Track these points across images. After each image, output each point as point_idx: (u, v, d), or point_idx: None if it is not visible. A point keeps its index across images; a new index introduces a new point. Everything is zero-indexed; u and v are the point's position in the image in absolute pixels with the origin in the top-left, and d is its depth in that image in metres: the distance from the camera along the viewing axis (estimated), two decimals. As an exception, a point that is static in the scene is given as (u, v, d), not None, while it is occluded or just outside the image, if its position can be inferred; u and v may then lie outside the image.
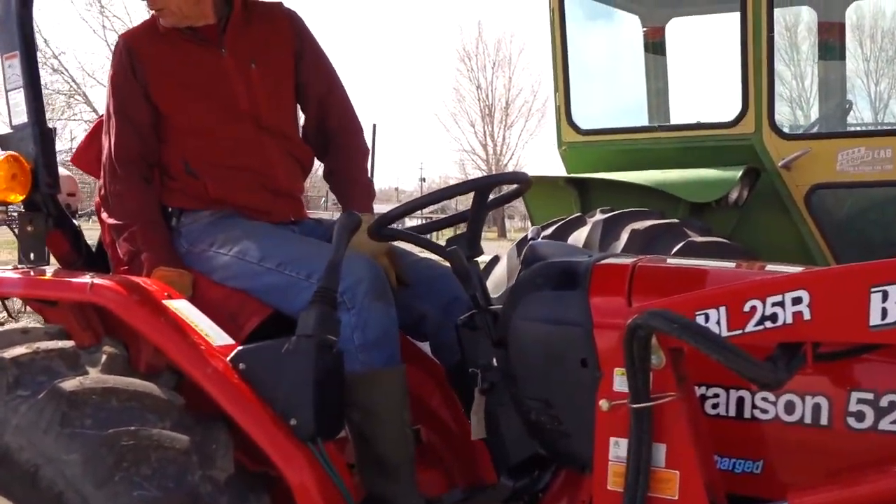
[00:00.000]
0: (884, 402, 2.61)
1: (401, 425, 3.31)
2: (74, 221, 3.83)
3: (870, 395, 2.64)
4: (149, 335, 3.18)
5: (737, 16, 6.53)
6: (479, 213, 3.37)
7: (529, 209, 7.21)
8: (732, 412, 2.82)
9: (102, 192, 3.70)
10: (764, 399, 2.77)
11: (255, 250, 3.50)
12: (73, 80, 42.32)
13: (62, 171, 4.81)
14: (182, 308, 3.28)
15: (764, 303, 2.51)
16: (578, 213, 6.44)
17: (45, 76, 42.25)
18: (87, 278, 3.29)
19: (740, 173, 6.30)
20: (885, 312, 2.38)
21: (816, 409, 2.71)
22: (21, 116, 3.61)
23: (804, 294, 2.47)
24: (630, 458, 2.66)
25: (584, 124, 7.11)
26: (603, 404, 2.78)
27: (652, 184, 6.42)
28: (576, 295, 2.99)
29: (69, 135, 43.35)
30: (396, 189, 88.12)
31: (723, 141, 6.63)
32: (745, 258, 5.79)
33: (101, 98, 47.17)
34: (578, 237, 6.15)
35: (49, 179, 3.61)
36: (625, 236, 5.96)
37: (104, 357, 3.13)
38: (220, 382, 3.11)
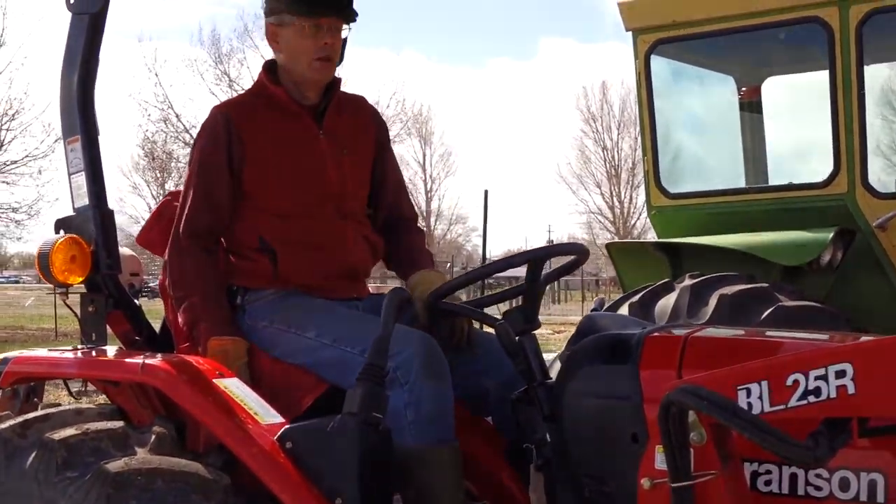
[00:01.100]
0: None
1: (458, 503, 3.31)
2: (136, 301, 3.92)
3: None
4: (197, 414, 3.26)
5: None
6: (535, 285, 3.37)
7: (620, 275, 7.15)
8: (785, 489, 2.75)
9: (167, 257, 3.74)
10: (818, 476, 2.69)
11: (312, 326, 3.54)
12: (205, 153, 43.46)
13: (127, 251, 4.90)
14: (232, 386, 3.33)
15: (807, 376, 2.45)
16: (667, 280, 6.37)
17: (178, 150, 43.61)
18: (139, 359, 3.37)
19: (832, 235, 6.16)
20: None
21: (872, 485, 2.63)
22: (83, 199, 3.72)
23: (848, 367, 2.41)
24: None
25: (672, 188, 7.05)
26: (645, 483, 2.78)
27: (741, 247, 6.33)
28: (626, 368, 2.99)
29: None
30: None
31: (815, 202, 6.52)
32: (838, 322, 5.66)
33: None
34: (666, 304, 6.09)
35: (109, 261, 3.71)
36: (713, 302, 5.88)
37: (153, 437, 3.20)
38: (265, 461, 3.14)
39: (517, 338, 3.28)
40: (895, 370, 2.39)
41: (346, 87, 3.97)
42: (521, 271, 3.37)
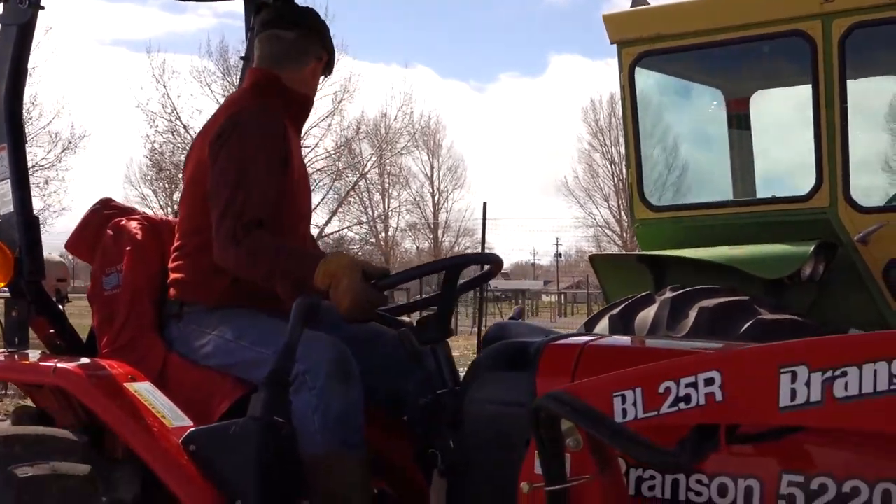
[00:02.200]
0: (814, 484, 2.57)
1: None
2: (60, 307, 3.96)
3: (800, 478, 2.59)
4: (104, 416, 3.33)
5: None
6: (449, 294, 3.39)
7: (603, 287, 7.15)
8: (668, 495, 2.79)
9: (223, 256, 3.54)
10: (698, 482, 2.73)
11: (234, 329, 3.58)
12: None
13: (55, 256, 4.92)
14: (143, 390, 3.41)
15: (678, 384, 2.49)
16: (647, 292, 6.36)
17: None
18: (53, 362, 3.43)
19: (813, 248, 6.14)
20: (793, 394, 2.35)
21: (749, 492, 2.67)
22: (8, 206, 3.77)
23: (716, 375, 2.45)
24: None
25: (656, 201, 7.04)
26: (524, 487, 2.79)
27: (722, 260, 6.31)
28: (524, 375, 3.05)
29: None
30: (533, 265, 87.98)
31: (798, 215, 6.50)
32: (818, 336, 5.63)
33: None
34: (646, 316, 6.08)
35: (32, 267, 3.74)
36: (693, 315, 5.87)
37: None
38: (168, 463, 3.23)
39: (429, 345, 3.33)
40: (760, 377, 2.41)
41: (357, 100, 4.09)
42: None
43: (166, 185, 46.71)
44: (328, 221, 46.63)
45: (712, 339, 3.56)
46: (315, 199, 45.55)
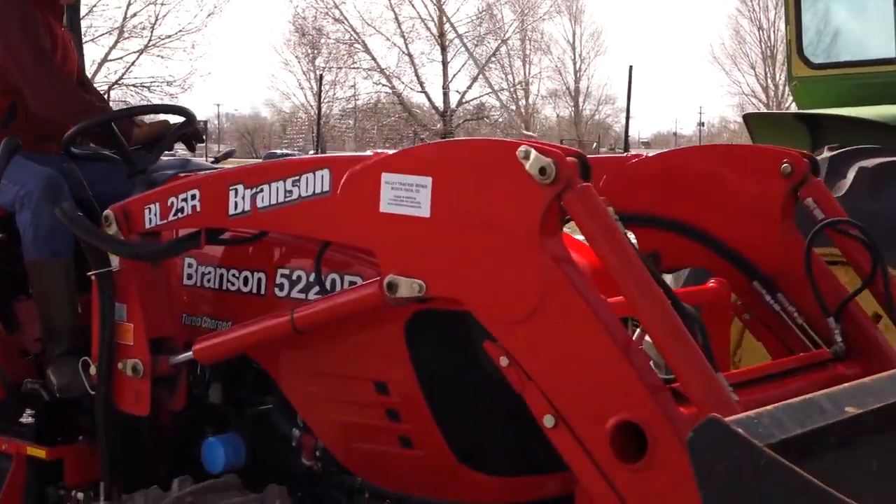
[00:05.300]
0: (294, 276, 3.33)
1: (66, 303, 4.09)
2: None
3: (287, 272, 3.36)
4: None
5: None
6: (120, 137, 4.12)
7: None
8: (217, 284, 3.56)
9: (38, 98, 4.32)
10: (233, 275, 3.51)
11: (8, 173, 4.20)
12: (353, 30, 43.70)
13: None
14: None
15: (178, 199, 3.31)
16: (806, 151, 6.21)
17: (328, 26, 43.66)
18: None
19: None
20: (236, 205, 3.15)
21: (259, 282, 3.44)
22: None
23: (197, 192, 3.26)
24: (102, 314, 3.47)
25: (815, 58, 6.83)
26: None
27: (884, 119, 6.02)
28: None
29: (351, 81, 44.94)
30: (675, 134, 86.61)
31: None
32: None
33: (379, 47, 48.37)
34: (803, 175, 5.93)
35: None
36: (851, 175, 5.59)
37: None
38: None
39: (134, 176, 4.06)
40: (217, 194, 3.22)
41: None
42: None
43: (308, 51, 46.96)
44: (469, 87, 46.51)
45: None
46: (456, 64, 45.34)
